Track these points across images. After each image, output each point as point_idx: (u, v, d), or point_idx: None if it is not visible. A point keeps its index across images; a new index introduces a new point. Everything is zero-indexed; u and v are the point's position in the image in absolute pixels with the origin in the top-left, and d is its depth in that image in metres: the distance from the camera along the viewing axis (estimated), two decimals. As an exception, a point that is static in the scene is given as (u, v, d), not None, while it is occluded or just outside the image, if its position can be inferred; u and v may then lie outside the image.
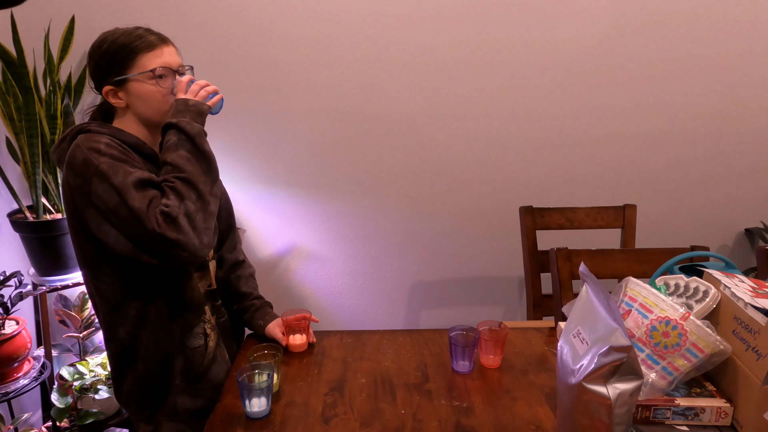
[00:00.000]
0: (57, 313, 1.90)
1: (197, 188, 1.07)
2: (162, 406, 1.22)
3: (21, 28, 1.73)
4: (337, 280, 2.28)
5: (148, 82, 1.14)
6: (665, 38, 2.03)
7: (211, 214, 1.10)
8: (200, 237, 1.06)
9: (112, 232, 1.06)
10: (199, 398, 1.23)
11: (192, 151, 1.10)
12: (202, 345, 1.23)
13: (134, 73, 1.13)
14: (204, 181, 1.09)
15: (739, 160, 2.20)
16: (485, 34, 2.01)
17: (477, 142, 2.13)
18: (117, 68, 1.13)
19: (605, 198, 2.17)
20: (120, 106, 1.17)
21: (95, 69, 1.16)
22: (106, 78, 1.15)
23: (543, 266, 1.87)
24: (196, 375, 1.22)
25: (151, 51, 1.14)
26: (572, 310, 1.05)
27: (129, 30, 1.16)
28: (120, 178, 1.04)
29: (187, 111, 1.12)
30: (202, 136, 1.12)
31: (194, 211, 1.05)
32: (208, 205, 1.09)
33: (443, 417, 1.10)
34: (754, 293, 1.04)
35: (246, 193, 2.14)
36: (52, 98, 1.80)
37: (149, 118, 1.18)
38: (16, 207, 1.88)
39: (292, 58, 2.00)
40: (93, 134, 1.11)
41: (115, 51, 1.13)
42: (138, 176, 1.05)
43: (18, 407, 1.98)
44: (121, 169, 1.06)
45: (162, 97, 1.16)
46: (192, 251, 1.05)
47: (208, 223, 1.09)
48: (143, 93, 1.15)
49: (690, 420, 1.04)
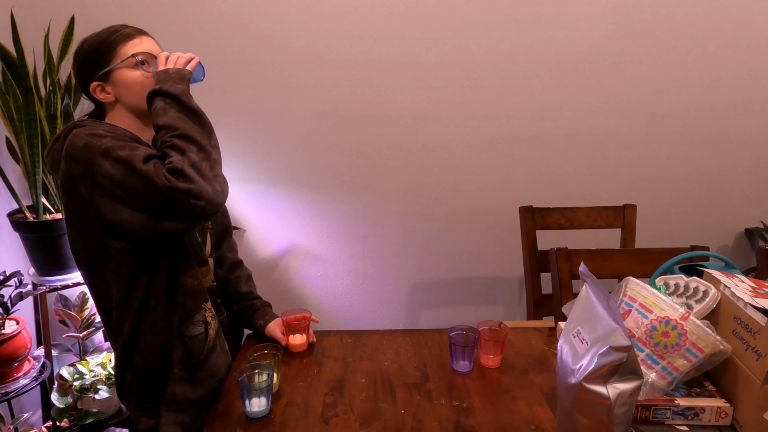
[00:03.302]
0: (57, 313, 1.90)
1: (195, 140, 1.07)
2: (162, 396, 1.21)
3: (21, 28, 1.73)
4: (337, 280, 2.28)
5: (131, 70, 1.16)
6: (665, 38, 2.03)
7: (215, 162, 1.10)
8: (211, 184, 1.06)
9: (125, 211, 1.05)
10: (198, 387, 1.23)
11: (181, 110, 1.10)
12: (203, 333, 1.22)
13: (117, 62, 1.15)
14: (201, 133, 1.09)
15: (739, 160, 2.20)
16: (485, 34, 2.01)
17: (477, 142, 2.13)
18: (100, 62, 1.15)
19: (605, 198, 2.17)
20: (109, 101, 1.18)
21: (80, 70, 1.18)
22: (91, 75, 1.16)
23: (543, 266, 1.87)
24: (195, 363, 1.22)
25: (131, 40, 1.17)
26: (572, 310, 1.05)
27: (105, 28, 1.19)
28: (126, 151, 1.05)
29: (168, 78, 1.13)
30: (188, 95, 1.12)
31: (198, 161, 1.05)
32: (210, 154, 1.08)
33: (443, 417, 1.10)
34: (754, 293, 1.04)
35: (246, 193, 2.14)
36: (52, 98, 1.80)
37: (138, 106, 1.18)
38: (16, 207, 1.88)
39: (291, 58, 2.00)
40: (89, 127, 1.12)
41: (95, 47, 1.16)
42: (144, 151, 1.06)
43: (18, 407, 1.98)
44: (126, 145, 1.06)
45: (147, 81, 1.17)
46: (208, 198, 1.04)
47: (216, 170, 1.09)
48: (128, 80, 1.16)
49: (690, 420, 1.04)
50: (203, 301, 1.23)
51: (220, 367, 1.26)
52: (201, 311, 1.23)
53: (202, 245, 1.28)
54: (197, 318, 1.22)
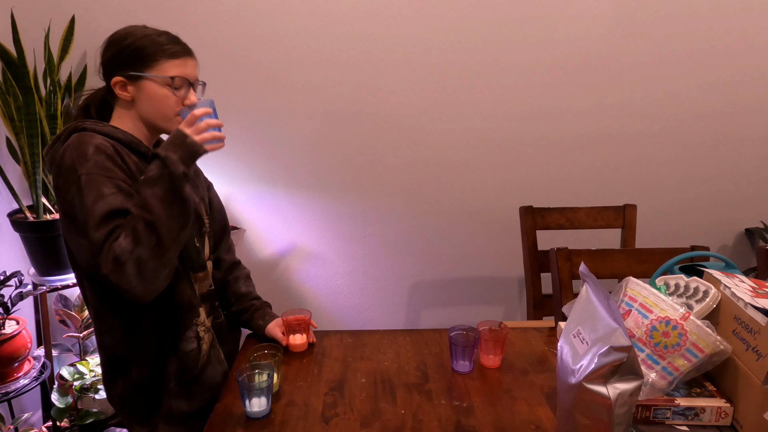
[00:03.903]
0: (57, 312, 1.90)
1: (159, 233, 1.02)
2: (157, 409, 1.21)
3: (21, 28, 1.73)
4: (337, 280, 2.28)
5: (162, 86, 1.14)
6: (665, 38, 2.03)
7: (167, 261, 1.05)
8: (145, 284, 1.03)
9: (75, 242, 1.06)
10: (195, 401, 1.22)
11: (169, 191, 1.04)
12: (195, 348, 1.22)
13: (153, 74, 1.13)
14: (170, 227, 1.03)
15: (739, 160, 2.20)
16: (485, 34, 2.00)
17: (477, 142, 2.13)
18: (137, 64, 1.13)
19: (605, 198, 2.17)
20: (125, 99, 1.16)
21: (113, 57, 1.15)
22: (121, 69, 1.14)
23: (543, 266, 1.87)
24: (190, 379, 1.21)
25: (176, 59, 1.15)
26: (572, 310, 1.05)
27: (158, 31, 1.16)
28: (91, 199, 1.02)
29: (180, 147, 1.07)
30: (186, 179, 1.06)
31: (147, 258, 1.01)
32: (166, 252, 1.04)
33: (443, 417, 1.10)
34: (754, 293, 1.04)
35: (246, 193, 2.14)
36: (52, 98, 1.80)
37: (151, 119, 1.18)
38: (16, 207, 1.88)
39: (291, 57, 2.00)
40: (87, 134, 1.10)
41: (140, 47, 1.13)
42: (108, 206, 1.02)
43: (18, 407, 1.98)
44: (97, 187, 1.03)
45: (172, 104, 1.15)
46: (133, 296, 1.03)
47: (160, 271, 1.05)
48: (155, 95, 1.14)
49: (690, 420, 1.04)
50: (194, 317, 1.22)
51: (216, 378, 1.26)
52: (193, 327, 1.22)
53: (199, 250, 1.27)
54: (189, 334, 1.21)
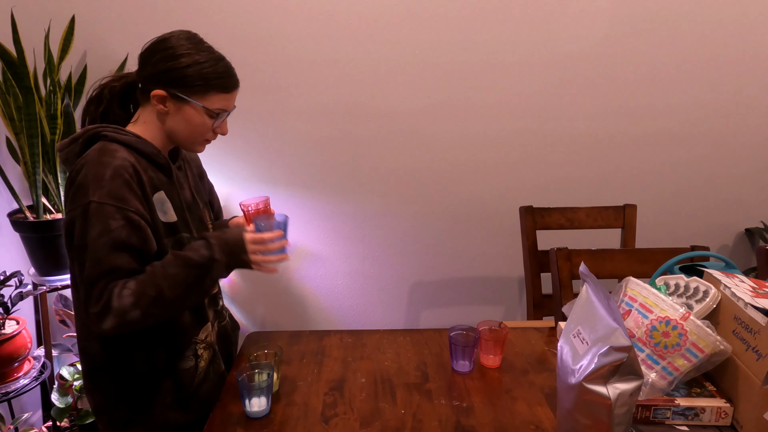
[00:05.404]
0: (57, 312, 1.90)
1: (162, 309, 1.06)
2: (151, 420, 1.18)
3: (21, 28, 1.73)
4: (337, 280, 2.28)
5: (203, 115, 1.14)
6: (665, 38, 2.03)
7: (150, 324, 1.09)
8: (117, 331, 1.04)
9: (70, 257, 1.09)
10: (192, 413, 1.21)
11: (197, 283, 1.09)
12: (192, 366, 1.20)
13: (200, 104, 1.12)
14: (176, 308, 1.11)
15: (740, 160, 2.20)
16: (485, 34, 2.00)
17: (477, 142, 2.13)
18: (187, 88, 1.11)
19: (605, 198, 2.17)
20: (160, 112, 1.14)
21: (165, 72, 1.11)
22: (168, 86, 1.11)
23: (543, 266, 1.87)
24: (187, 395, 1.20)
25: (226, 93, 1.15)
26: (572, 310, 1.05)
27: (216, 57, 1.14)
28: (96, 232, 1.01)
29: (235, 258, 1.13)
30: (216, 282, 1.15)
31: (136, 321, 1.03)
32: (156, 320, 1.09)
33: (443, 417, 1.10)
34: (754, 293, 1.04)
35: (246, 193, 2.14)
36: (53, 98, 1.80)
37: (178, 137, 1.17)
38: (16, 207, 1.88)
39: (291, 57, 2.00)
40: (108, 144, 1.08)
41: (195, 75, 1.11)
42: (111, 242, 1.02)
43: (18, 407, 1.98)
44: (104, 220, 1.02)
45: (206, 131, 1.17)
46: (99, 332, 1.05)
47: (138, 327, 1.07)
48: (193, 120, 1.14)
49: (690, 420, 1.04)
50: (193, 335, 1.20)
51: (215, 391, 1.24)
52: (192, 345, 1.20)
53: None
54: (187, 353, 1.19)
